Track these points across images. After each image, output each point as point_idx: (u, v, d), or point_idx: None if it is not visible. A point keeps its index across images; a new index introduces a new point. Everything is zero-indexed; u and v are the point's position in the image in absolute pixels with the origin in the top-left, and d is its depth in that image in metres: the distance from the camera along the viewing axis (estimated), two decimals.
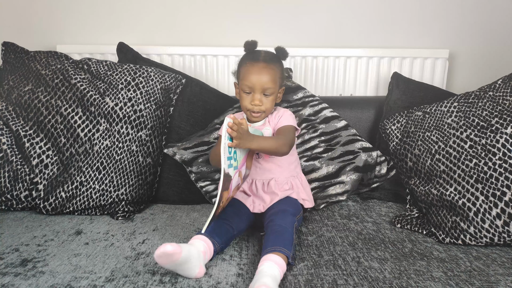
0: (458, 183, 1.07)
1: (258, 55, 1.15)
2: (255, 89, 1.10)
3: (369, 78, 1.73)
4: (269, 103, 1.13)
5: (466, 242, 1.00)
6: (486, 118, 1.12)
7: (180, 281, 0.81)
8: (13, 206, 1.21)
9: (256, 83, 1.10)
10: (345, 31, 1.75)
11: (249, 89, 1.11)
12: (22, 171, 1.22)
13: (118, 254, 0.93)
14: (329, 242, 1.00)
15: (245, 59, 1.16)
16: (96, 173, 1.21)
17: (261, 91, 1.11)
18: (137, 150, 1.27)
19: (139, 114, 1.30)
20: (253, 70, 1.10)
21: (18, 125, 1.26)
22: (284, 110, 1.20)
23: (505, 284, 0.80)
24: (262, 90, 1.11)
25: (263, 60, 1.12)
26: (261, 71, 1.10)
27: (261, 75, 1.10)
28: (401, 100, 1.47)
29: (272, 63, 1.13)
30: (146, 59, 1.54)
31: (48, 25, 1.72)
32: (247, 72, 1.11)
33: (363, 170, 1.35)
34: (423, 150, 1.23)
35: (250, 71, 1.11)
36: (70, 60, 1.38)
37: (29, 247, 0.95)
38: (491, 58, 1.78)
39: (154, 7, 1.71)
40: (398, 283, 0.80)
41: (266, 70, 1.10)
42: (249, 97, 1.12)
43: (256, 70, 1.10)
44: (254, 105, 1.11)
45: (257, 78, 1.09)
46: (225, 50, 1.69)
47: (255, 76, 1.10)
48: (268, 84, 1.10)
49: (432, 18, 1.74)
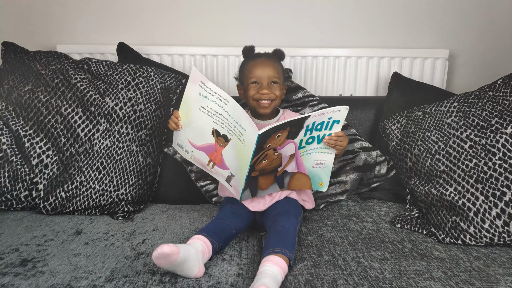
0: (458, 183, 1.07)
1: (259, 54, 1.21)
2: (262, 79, 1.14)
3: (369, 78, 1.73)
4: (277, 90, 1.15)
5: (466, 242, 1.00)
6: (486, 118, 1.12)
7: (180, 281, 0.81)
8: (13, 206, 1.21)
9: (262, 74, 1.13)
10: (345, 31, 1.75)
11: (256, 79, 1.14)
12: (22, 171, 1.22)
13: (118, 254, 0.93)
14: (329, 242, 1.00)
15: (246, 60, 1.21)
16: (96, 173, 1.21)
17: (268, 81, 1.14)
18: (137, 150, 1.27)
19: (139, 114, 1.30)
20: (257, 64, 1.15)
21: (18, 125, 1.26)
22: (294, 113, 1.24)
23: (505, 284, 0.80)
24: (269, 79, 1.14)
25: (265, 56, 1.19)
26: (265, 63, 1.15)
27: (266, 66, 1.14)
28: (401, 100, 1.46)
29: (273, 59, 1.19)
30: (146, 59, 1.54)
31: (48, 25, 1.72)
32: (252, 68, 1.15)
33: (363, 170, 1.35)
34: (423, 150, 1.23)
35: (255, 65, 1.15)
36: (70, 60, 1.38)
37: (29, 247, 0.95)
38: (491, 58, 1.77)
39: (154, 7, 1.71)
40: (398, 283, 0.80)
41: (270, 62, 1.16)
42: (257, 86, 1.15)
43: (260, 63, 1.15)
44: (262, 94, 1.13)
45: (262, 70, 1.14)
46: (225, 50, 1.69)
47: (260, 68, 1.14)
48: (274, 73, 1.14)
49: (432, 18, 1.74)
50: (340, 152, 1.04)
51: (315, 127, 0.96)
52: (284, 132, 0.92)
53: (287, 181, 1.06)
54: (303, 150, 1.00)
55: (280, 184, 1.06)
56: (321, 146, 1.01)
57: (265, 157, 0.95)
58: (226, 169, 1.00)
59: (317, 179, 1.06)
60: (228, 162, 0.99)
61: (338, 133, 0.99)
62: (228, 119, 0.92)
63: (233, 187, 1.01)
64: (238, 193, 1.00)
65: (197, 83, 0.94)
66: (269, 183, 1.04)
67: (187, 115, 1.01)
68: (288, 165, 1.02)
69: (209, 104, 0.94)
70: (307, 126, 0.94)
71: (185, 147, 1.06)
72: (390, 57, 1.71)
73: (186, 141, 1.05)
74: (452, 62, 1.78)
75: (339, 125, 0.97)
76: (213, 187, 1.31)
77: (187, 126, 1.03)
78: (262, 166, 0.97)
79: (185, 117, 1.02)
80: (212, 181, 1.32)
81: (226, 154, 0.98)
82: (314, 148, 1.01)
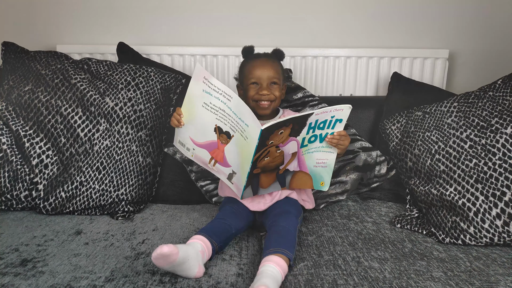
0: (458, 183, 1.07)
1: (258, 54, 1.21)
2: (262, 80, 1.14)
3: (369, 78, 1.73)
4: (277, 91, 1.16)
5: (466, 242, 1.00)
6: (486, 118, 1.12)
7: (180, 281, 0.81)
8: (13, 206, 1.21)
9: (262, 75, 1.14)
10: (345, 31, 1.75)
11: (256, 80, 1.15)
12: (22, 171, 1.22)
13: (118, 254, 0.92)
14: (329, 242, 1.00)
15: (246, 60, 1.21)
16: (96, 173, 1.21)
17: (267, 82, 1.14)
18: (137, 150, 1.27)
19: (139, 114, 1.30)
20: (256, 64, 1.15)
21: (18, 125, 1.26)
22: (294, 113, 1.24)
23: (505, 284, 0.80)
24: (268, 80, 1.14)
25: (265, 56, 1.20)
26: (264, 64, 1.15)
27: (265, 67, 1.14)
28: (401, 100, 1.46)
29: (273, 59, 1.19)
30: (146, 59, 1.54)
31: (48, 25, 1.72)
32: (251, 68, 1.15)
33: (363, 170, 1.35)
34: (423, 150, 1.23)
35: (254, 66, 1.15)
36: (70, 60, 1.38)
37: (29, 247, 0.95)
38: (491, 58, 1.78)
39: (154, 7, 1.71)
40: (398, 283, 0.80)
41: (269, 63, 1.16)
42: (256, 87, 1.15)
43: (260, 63, 1.15)
44: (262, 94, 1.13)
45: (262, 70, 1.14)
46: (225, 50, 1.69)
47: (260, 69, 1.14)
48: (273, 74, 1.15)
49: (432, 18, 1.74)
50: (342, 152, 1.03)
51: (317, 126, 0.96)
52: (287, 129, 0.92)
53: (289, 179, 1.06)
54: (305, 149, 1.01)
55: (282, 182, 1.06)
56: (323, 145, 1.01)
57: (267, 154, 0.95)
58: (227, 166, 1.00)
59: (319, 178, 1.06)
60: (230, 159, 0.99)
61: (340, 132, 0.99)
62: (231, 115, 0.92)
63: (235, 185, 1.01)
64: (240, 190, 1.00)
65: (200, 79, 0.94)
66: (271, 182, 1.04)
67: (190, 112, 1.01)
68: (290, 163, 1.02)
69: (212, 101, 0.95)
70: (309, 124, 0.94)
71: (186, 145, 1.06)
72: (390, 57, 1.71)
73: (187, 138, 1.05)
74: (452, 62, 1.78)
75: (342, 124, 0.97)
76: (213, 187, 1.31)
77: (189, 123, 1.03)
78: (264, 163, 0.97)
79: (188, 114, 1.02)
80: (212, 181, 1.32)
81: (228, 151, 0.98)
82: (316, 147, 1.01)
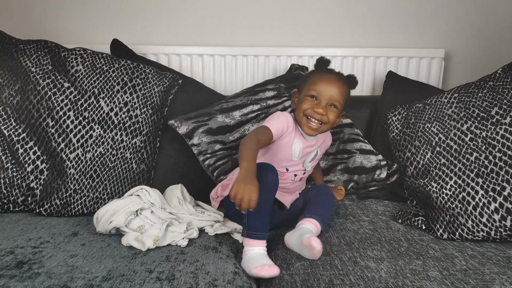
0: (458, 176, 1.07)
1: (331, 70, 1.12)
2: (323, 96, 1.04)
3: (365, 78, 1.74)
4: (332, 116, 1.06)
5: (463, 237, 1.00)
6: (486, 109, 1.12)
7: (177, 278, 0.81)
8: (10, 209, 1.19)
9: (325, 91, 1.04)
10: (342, 31, 1.75)
11: (316, 94, 1.05)
12: (18, 177, 1.19)
13: (115, 254, 0.92)
14: (326, 242, 1.01)
15: (317, 70, 1.12)
16: (90, 181, 1.19)
17: (327, 101, 1.05)
18: (131, 157, 1.25)
19: (134, 120, 1.27)
20: (325, 79, 1.06)
21: (11, 129, 1.21)
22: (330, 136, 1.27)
23: (500, 282, 0.81)
24: (329, 100, 1.05)
25: (337, 75, 1.09)
26: (333, 82, 1.06)
27: (332, 85, 1.05)
28: (396, 98, 1.47)
29: (344, 82, 1.09)
30: (140, 57, 1.51)
31: (42, 24, 1.71)
32: (318, 79, 1.06)
33: (354, 172, 1.34)
34: (423, 142, 1.22)
35: (322, 79, 1.06)
36: (63, 53, 1.29)
37: (25, 249, 0.94)
38: (486, 58, 1.78)
39: (151, 7, 1.71)
40: (394, 283, 0.81)
41: (338, 83, 1.06)
42: (314, 102, 1.06)
43: (328, 79, 1.06)
44: (316, 112, 1.04)
45: (327, 87, 1.04)
46: (222, 49, 1.69)
47: (326, 84, 1.05)
48: (337, 96, 1.05)
49: (428, 18, 1.74)
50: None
51: None
52: None
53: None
54: None
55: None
56: None
57: None
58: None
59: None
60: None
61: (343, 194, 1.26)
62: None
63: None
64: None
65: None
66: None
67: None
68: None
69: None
70: None
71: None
72: (386, 56, 1.71)
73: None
74: (448, 62, 1.79)
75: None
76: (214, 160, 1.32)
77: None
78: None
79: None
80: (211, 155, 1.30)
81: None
82: None
